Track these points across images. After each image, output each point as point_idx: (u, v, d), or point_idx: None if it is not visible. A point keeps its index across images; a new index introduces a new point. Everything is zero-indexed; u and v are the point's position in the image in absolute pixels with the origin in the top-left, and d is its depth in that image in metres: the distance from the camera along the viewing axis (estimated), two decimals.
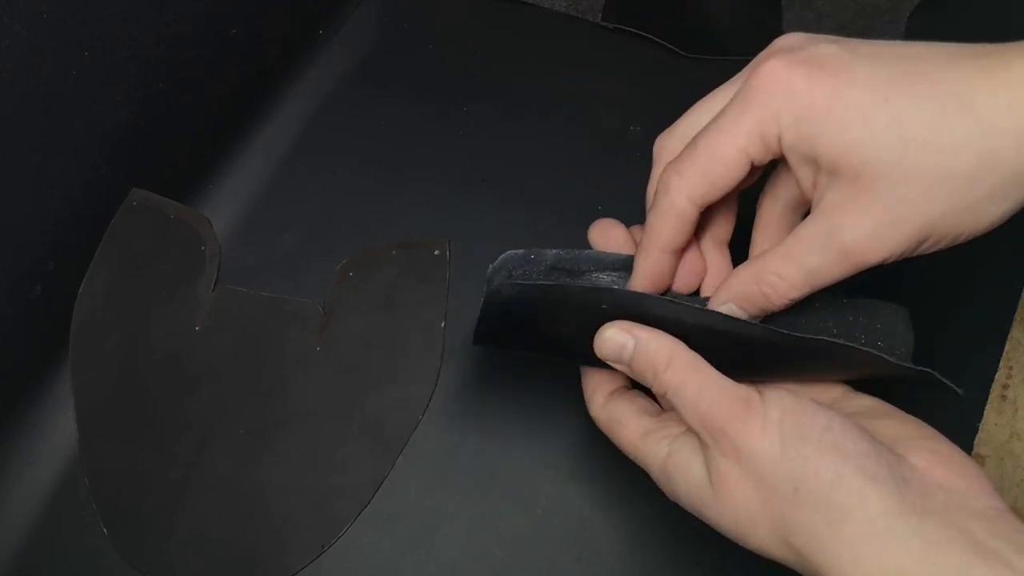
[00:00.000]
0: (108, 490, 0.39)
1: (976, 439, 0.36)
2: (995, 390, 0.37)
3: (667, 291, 0.32)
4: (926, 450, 0.26)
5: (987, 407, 0.37)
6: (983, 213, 0.25)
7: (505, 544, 0.37)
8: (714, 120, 0.28)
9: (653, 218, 0.30)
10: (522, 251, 0.32)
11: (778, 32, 0.56)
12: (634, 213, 0.43)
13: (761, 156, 0.27)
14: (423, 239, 0.43)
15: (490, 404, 0.40)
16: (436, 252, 0.43)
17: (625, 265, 0.32)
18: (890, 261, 0.26)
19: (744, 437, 0.26)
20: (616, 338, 0.29)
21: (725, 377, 0.27)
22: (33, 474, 0.39)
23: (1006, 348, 0.38)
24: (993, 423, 0.36)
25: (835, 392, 0.31)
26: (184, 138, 0.46)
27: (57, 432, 0.40)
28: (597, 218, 0.43)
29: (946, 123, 0.24)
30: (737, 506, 0.26)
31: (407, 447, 0.39)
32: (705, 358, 0.28)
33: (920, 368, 0.29)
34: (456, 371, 0.40)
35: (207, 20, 0.45)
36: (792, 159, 0.27)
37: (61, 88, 0.39)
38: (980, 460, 0.36)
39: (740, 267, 0.29)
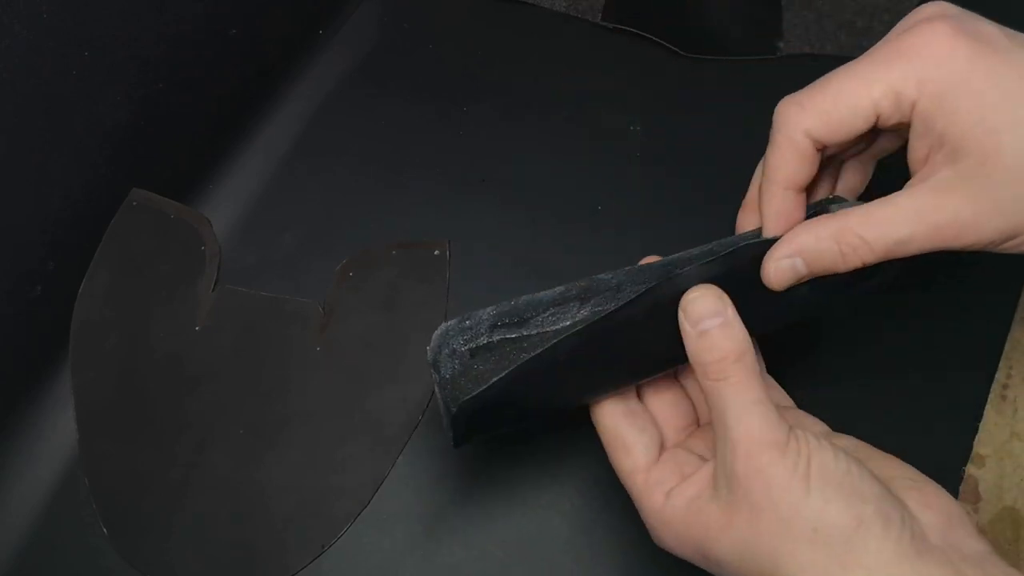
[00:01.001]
0: (108, 490, 0.39)
1: (976, 439, 0.36)
2: (995, 390, 0.37)
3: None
4: (914, 490, 0.26)
5: (987, 407, 0.37)
6: None
7: (505, 544, 0.37)
8: (851, 64, 0.27)
9: (770, 153, 0.29)
10: (454, 321, 0.30)
11: (778, 32, 0.56)
12: (634, 212, 0.43)
13: (888, 115, 0.27)
14: (423, 239, 0.43)
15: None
16: (436, 252, 0.43)
17: (564, 297, 0.31)
18: (975, 248, 0.26)
19: (776, 469, 0.25)
20: (709, 302, 0.28)
21: (770, 399, 0.27)
22: (33, 474, 0.39)
23: (1006, 348, 0.38)
24: (993, 423, 0.36)
25: (819, 428, 0.31)
26: (184, 138, 0.46)
27: (57, 432, 0.40)
28: (597, 218, 0.44)
29: None
30: (742, 532, 0.26)
31: (407, 447, 0.39)
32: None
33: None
34: None
35: (207, 20, 0.45)
36: (917, 127, 0.27)
37: (61, 88, 0.39)
38: (980, 460, 0.36)
39: (815, 221, 0.28)
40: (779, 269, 0.29)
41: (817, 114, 0.28)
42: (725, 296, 0.28)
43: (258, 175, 0.46)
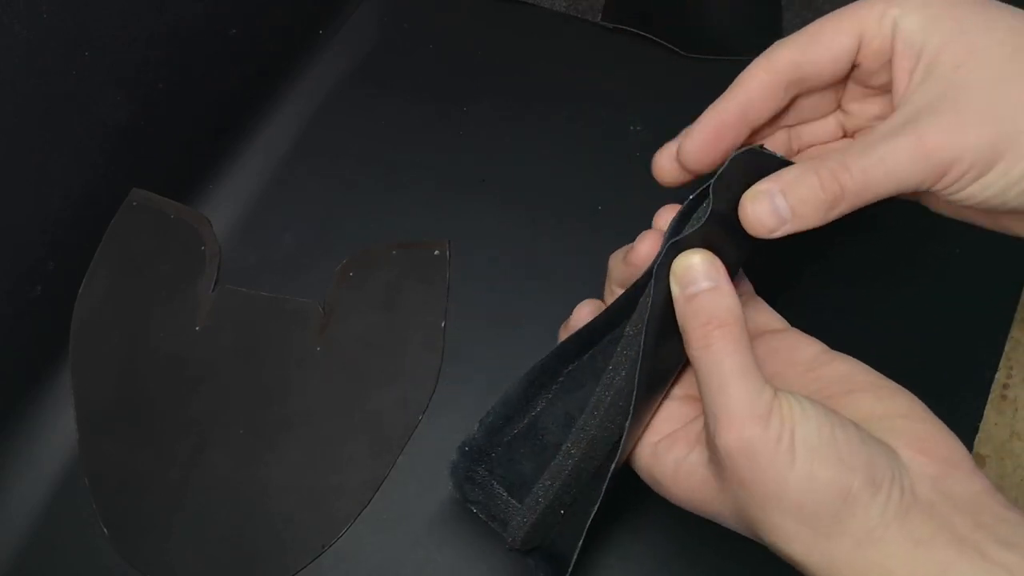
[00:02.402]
0: (108, 490, 0.39)
1: (976, 439, 0.36)
2: (995, 390, 0.37)
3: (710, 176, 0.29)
4: (907, 433, 0.26)
5: (987, 407, 0.37)
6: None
7: (505, 544, 0.37)
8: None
9: (737, 81, 0.29)
10: (456, 456, 0.32)
11: (778, 32, 0.56)
12: (634, 212, 0.43)
13: (871, 38, 0.27)
14: (423, 239, 0.43)
15: (490, 404, 0.40)
16: (436, 252, 0.43)
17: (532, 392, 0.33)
18: (959, 167, 0.25)
19: (760, 444, 0.25)
20: (701, 266, 0.27)
21: (757, 367, 0.26)
22: (33, 474, 0.39)
23: (1006, 348, 0.38)
24: (993, 423, 0.36)
25: (814, 349, 0.30)
26: (184, 138, 0.46)
27: (57, 432, 0.40)
28: (597, 218, 0.43)
29: None
30: (745, 506, 0.26)
31: (407, 447, 0.39)
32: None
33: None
34: (456, 371, 0.40)
35: (207, 20, 0.45)
36: (899, 46, 0.27)
37: (61, 88, 0.39)
38: (980, 460, 0.36)
39: (803, 162, 0.27)
40: (756, 204, 0.27)
41: (801, 44, 0.28)
42: (718, 262, 0.27)
43: (258, 175, 0.46)
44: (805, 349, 0.30)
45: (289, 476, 0.38)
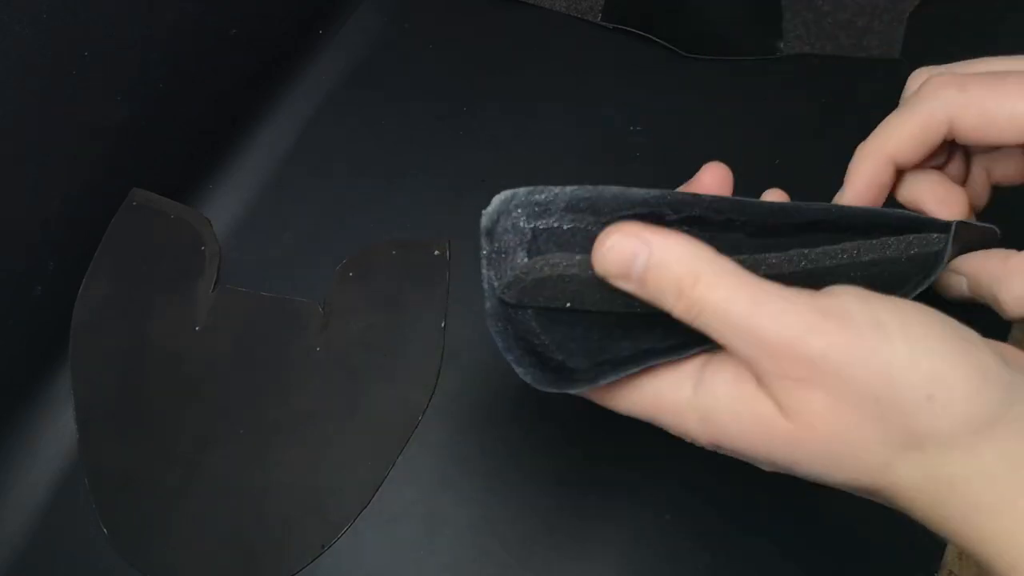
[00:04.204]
0: (108, 490, 0.39)
1: None
2: None
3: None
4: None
5: None
6: None
7: (505, 544, 0.37)
8: None
9: (894, 118, 0.27)
10: (523, 190, 0.25)
11: (778, 32, 0.56)
12: None
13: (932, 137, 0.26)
14: (423, 239, 0.43)
15: (490, 404, 0.40)
16: (436, 252, 0.43)
17: (658, 202, 0.25)
18: None
19: (839, 353, 0.20)
20: (622, 245, 0.22)
21: (772, 282, 0.22)
22: (33, 474, 0.39)
23: None
24: None
25: None
26: (184, 138, 0.46)
27: (57, 432, 0.40)
28: None
29: None
30: (832, 436, 0.21)
31: (407, 447, 0.39)
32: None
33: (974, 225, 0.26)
34: (456, 371, 0.40)
35: (207, 20, 0.45)
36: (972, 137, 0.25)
37: (61, 88, 0.39)
38: None
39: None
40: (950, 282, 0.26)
41: (975, 106, 0.25)
42: (634, 224, 0.23)
43: (258, 175, 0.46)
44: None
45: (289, 476, 0.38)
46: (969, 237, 0.26)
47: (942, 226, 0.26)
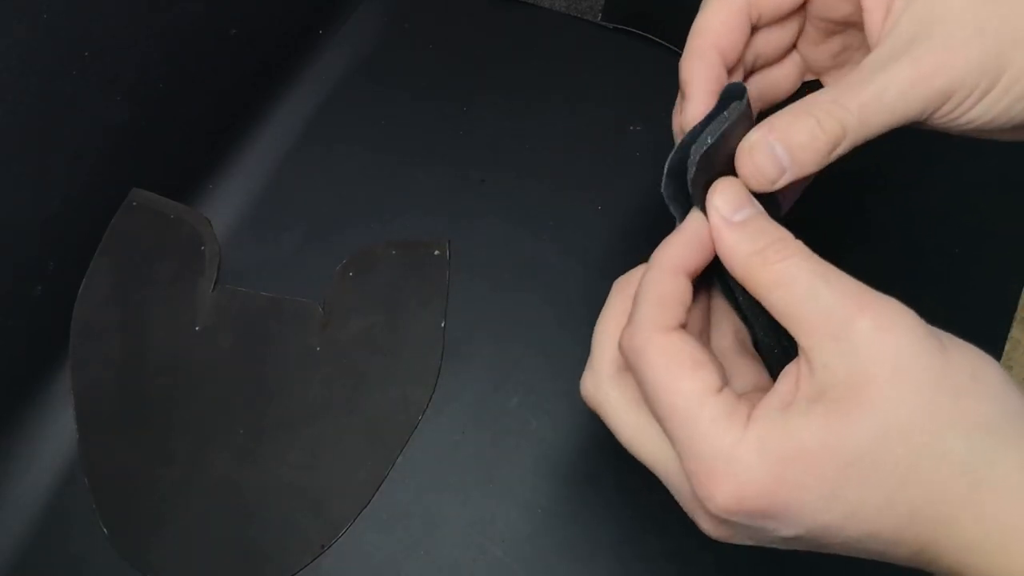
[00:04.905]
0: (108, 490, 0.39)
1: None
2: None
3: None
4: None
5: None
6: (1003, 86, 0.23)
7: (505, 544, 0.37)
8: None
9: (701, 15, 0.27)
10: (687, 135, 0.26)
11: None
12: (634, 212, 0.43)
13: None
14: (423, 239, 0.43)
15: (490, 404, 0.40)
16: (436, 252, 0.43)
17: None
18: (961, 90, 0.23)
19: (899, 335, 0.21)
20: (745, 193, 0.24)
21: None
22: (33, 474, 0.39)
23: (1006, 348, 0.38)
24: None
25: None
26: (184, 138, 0.46)
27: (57, 432, 0.40)
28: (597, 218, 0.43)
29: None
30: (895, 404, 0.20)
31: (407, 447, 0.39)
32: None
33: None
34: (456, 371, 0.40)
35: (207, 20, 0.45)
36: None
37: (61, 88, 0.39)
38: None
39: (794, 105, 0.25)
40: (753, 153, 0.24)
41: None
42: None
43: (258, 175, 0.46)
44: None
45: (289, 476, 0.38)
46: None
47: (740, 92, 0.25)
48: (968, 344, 0.22)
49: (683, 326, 0.24)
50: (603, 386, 0.25)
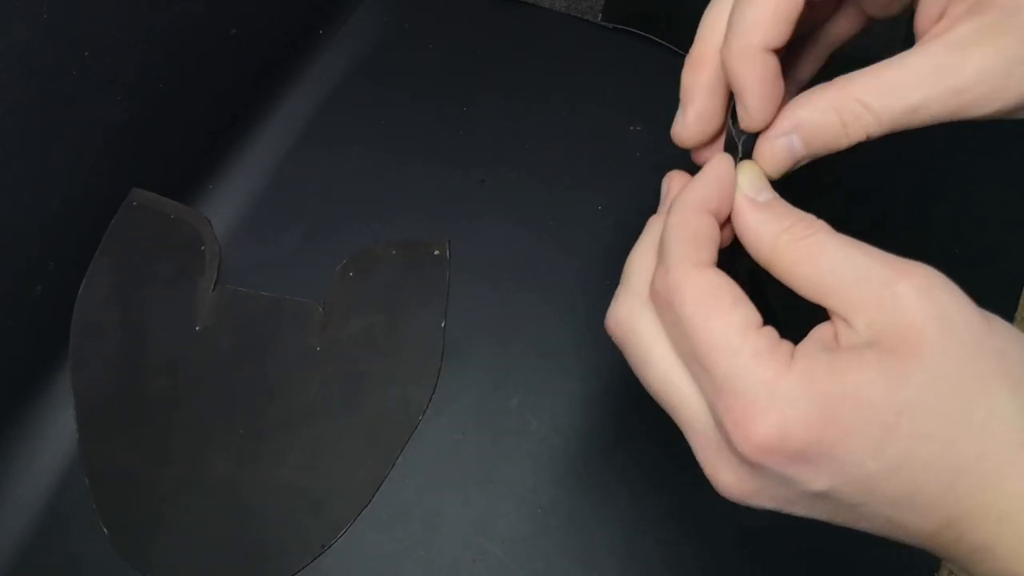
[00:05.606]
0: (108, 490, 0.39)
1: None
2: None
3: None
4: None
5: None
6: None
7: (505, 544, 0.37)
8: None
9: (744, 7, 0.24)
10: None
11: None
12: (634, 212, 0.43)
13: None
14: (423, 239, 0.43)
15: (490, 404, 0.40)
16: (436, 252, 0.43)
17: None
18: (995, 117, 0.23)
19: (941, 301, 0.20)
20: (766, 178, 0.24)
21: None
22: (33, 474, 0.39)
23: None
24: None
25: None
26: (184, 138, 0.46)
27: (57, 432, 0.40)
28: (597, 218, 0.44)
29: None
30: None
31: (407, 447, 0.39)
32: None
33: None
34: (456, 371, 0.40)
35: (207, 20, 0.45)
36: None
37: (61, 88, 0.39)
38: None
39: (811, 92, 0.24)
40: (774, 150, 0.24)
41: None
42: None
43: (258, 175, 0.46)
44: None
45: (289, 476, 0.38)
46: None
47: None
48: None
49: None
50: (639, 310, 0.23)
